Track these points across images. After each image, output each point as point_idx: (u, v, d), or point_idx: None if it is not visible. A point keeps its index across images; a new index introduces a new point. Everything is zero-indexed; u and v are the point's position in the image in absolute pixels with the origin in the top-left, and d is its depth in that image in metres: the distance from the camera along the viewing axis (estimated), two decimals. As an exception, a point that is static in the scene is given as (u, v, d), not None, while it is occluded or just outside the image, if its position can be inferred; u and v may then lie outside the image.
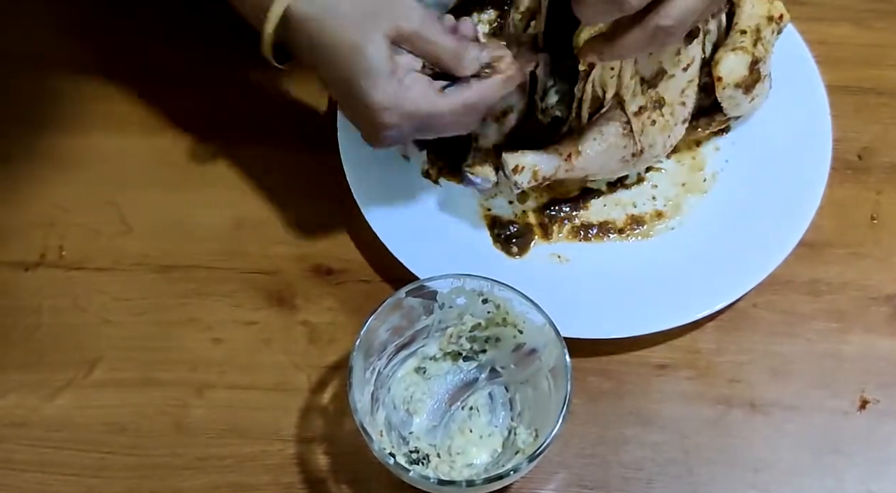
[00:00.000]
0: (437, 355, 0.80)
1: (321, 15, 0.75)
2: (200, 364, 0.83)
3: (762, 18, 0.87)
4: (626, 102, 0.83)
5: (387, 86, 0.75)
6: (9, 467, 0.80)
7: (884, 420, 0.82)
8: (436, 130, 0.79)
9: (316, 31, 0.76)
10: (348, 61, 0.75)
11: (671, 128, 0.86)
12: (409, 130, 0.78)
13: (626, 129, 0.84)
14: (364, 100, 0.75)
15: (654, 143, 0.86)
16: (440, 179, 0.89)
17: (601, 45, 0.76)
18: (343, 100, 0.79)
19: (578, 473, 0.80)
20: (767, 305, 0.86)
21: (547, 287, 0.81)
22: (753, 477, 0.80)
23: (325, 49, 0.76)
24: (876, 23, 0.98)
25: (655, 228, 0.88)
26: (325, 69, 0.77)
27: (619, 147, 0.84)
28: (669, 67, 0.83)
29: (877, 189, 0.91)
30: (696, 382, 0.83)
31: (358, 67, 0.75)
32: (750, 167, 0.90)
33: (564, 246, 0.88)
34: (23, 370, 0.83)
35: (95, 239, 0.88)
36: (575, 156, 0.83)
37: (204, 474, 0.79)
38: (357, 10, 0.76)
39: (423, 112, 0.77)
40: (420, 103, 0.76)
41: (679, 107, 0.86)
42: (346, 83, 0.76)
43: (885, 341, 0.85)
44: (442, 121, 0.78)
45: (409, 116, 0.76)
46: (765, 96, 0.89)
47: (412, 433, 0.78)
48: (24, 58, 0.96)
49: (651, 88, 0.84)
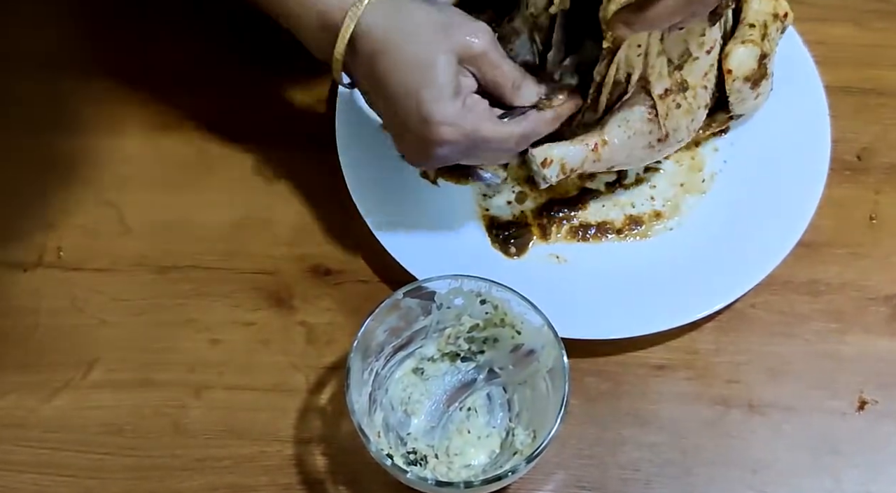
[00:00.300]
0: (435, 355, 0.80)
1: (391, 26, 0.75)
2: (198, 365, 0.83)
3: (768, 15, 0.87)
4: (652, 84, 0.82)
5: (450, 103, 0.75)
6: (6, 468, 0.80)
7: (882, 421, 0.82)
8: (483, 155, 0.79)
9: (381, 42, 0.75)
10: (414, 75, 0.74)
11: (694, 111, 0.85)
12: (461, 150, 0.77)
13: (651, 113, 0.83)
14: (425, 114, 0.75)
15: (679, 127, 0.85)
16: (438, 179, 0.89)
17: (632, 14, 0.74)
18: (397, 114, 0.77)
19: (576, 474, 0.80)
20: (766, 305, 0.86)
21: (545, 288, 0.81)
22: (751, 478, 0.80)
23: (390, 61, 0.75)
24: (876, 23, 0.98)
25: (654, 228, 0.88)
26: (385, 81, 0.76)
27: (644, 133, 0.83)
28: (694, 49, 0.82)
29: (876, 189, 0.91)
30: (694, 382, 0.83)
31: (424, 81, 0.74)
32: (748, 168, 0.90)
33: (563, 246, 0.87)
34: (21, 371, 0.83)
35: (94, 240, 0.88)
36: (601, 145, 0.82)
37: (202, 475, 0.79)
38: (429, 25, 0.75)
39: (481, 135, 0.76)
40: (480, 125, 0.76)
41: (701, 90, 0.85)
42: (406, 97, 0.75)
43: (884, 341, 0.84)
44: (493, 146, 0.78)
45: (466, 135, 0.76)
46: (767, 96, 0.89)
47: (410, 434, 0.78)
48: (25, 58, 0.96)
49: (677, 70, 0.83)
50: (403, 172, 0.89)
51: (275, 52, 0.94)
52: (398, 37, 0.75)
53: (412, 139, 0.77)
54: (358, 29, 0.75)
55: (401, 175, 0.89)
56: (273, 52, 0.95)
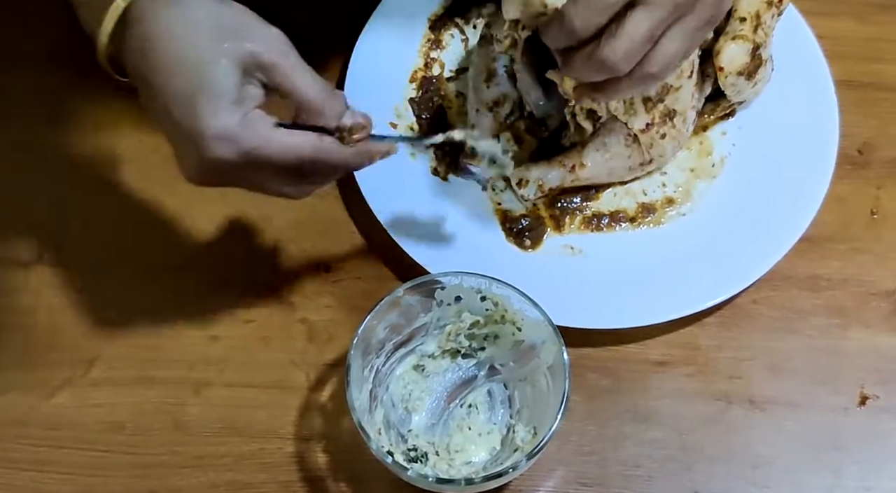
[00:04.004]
0: (436, 352, 0.80)
1: (171, 14, 0.65)
2: (198, 362, 0.83)
3: (762, 4, 0.86)
4: (630, 122, 0.83)
5: (227, 114, 0.64)
6: (6, 465, 0.80)
7: (883, 417, 0.82)
8: (258, 176, 0.68)
9: (156, 30, 0.64)
10: (190, 75, 0.64)
11: (682, 134, 0.86)
12: (236, 171, 0.66)
13: (629, 139, 0.84)
14: (198, 124, 0.64)
15: (665, 152, 0.86)
16: (449, 176, 0.89)
17: (592, 91, 0.73)
18: (169, 119, 0.65)
19: (577, 470, 0.80)
20: (767, 301, 0.85)
21: (561, 280, 0.82)
22: (752, 474, 0.80)
23: (162, 54, 0.64)
24: (877, 17, 0.98)
25: (667, 214, 0.88)
26: (155, 77, 0.64)
27: (623, 156, 0.85)
28: (673, 81, 0.83)
29: (877, 184, 0.90)
30: (696, 378, 0.83)
31: (200, 85, 0.64)
32: (757, 151, 0.90)
33: (577, 237, 0.87)
34: (21, 369, 0.83)
35: (93, 237, 0.88)
36: (579, 168, 0.84)
37: (202, 472, 0.79)
38: (215, 21, 0.65)
39: (262, 154, 0.65)
40: (260, 144, 0.65)
41: (691, 111, 0.86)
42: (180, 101, 0.64)
43: (885, 337, 0.84)
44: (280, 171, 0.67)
45: (244, 154, 0.65)
46: (767, 80, 0.89)
47: (411, 430, 0.78)
48: (25, 56, 0.96)
49: (660, 102, 0.83)
50: (414, 170, 0.89)
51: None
52: (177, 28, 0.64)
53: (186, 151, 0.66)
54: (132, 8, 0.65)
55: (412, 173, 0.89)
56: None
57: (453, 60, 0.94)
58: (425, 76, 0.93)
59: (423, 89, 0.93)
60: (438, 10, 0.96)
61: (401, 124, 0.91)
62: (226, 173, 0.66)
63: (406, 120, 0.91)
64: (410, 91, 0.93)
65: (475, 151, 0.84)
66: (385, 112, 0.91)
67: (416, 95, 0.93)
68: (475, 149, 0.81)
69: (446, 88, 0.93)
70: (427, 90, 0.93)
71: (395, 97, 0.92)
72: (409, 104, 0.92)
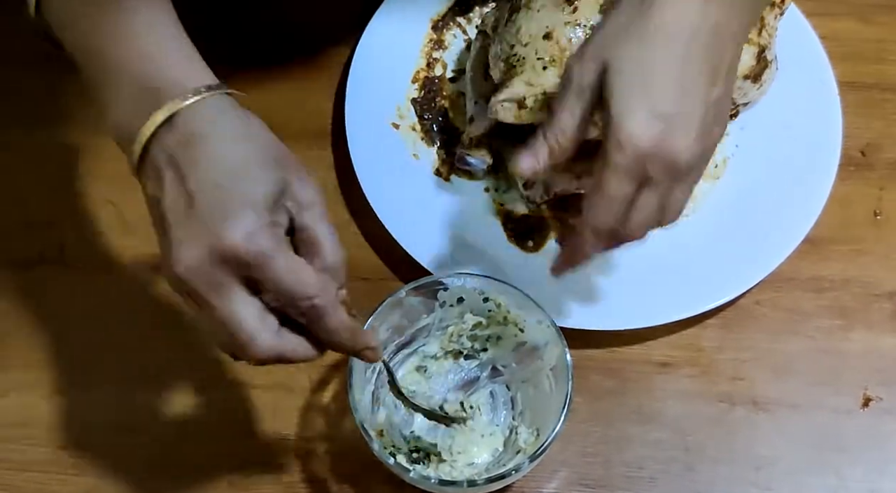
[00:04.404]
0: (439, 353, 0.80)
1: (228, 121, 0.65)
2: (201, 363, 0.83)
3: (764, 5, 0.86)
4: None
5: (261, 215, 0.62)
6: (9, 466, 0.80)
7: (886, 418, 0.81)
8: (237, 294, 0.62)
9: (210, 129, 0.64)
10: (236, 168, 0.63)
11: None
12: (237, 268, 0.62)
13: None
14: (228, 208, 0.61)
15: None
16: (451, 176, 0.89)
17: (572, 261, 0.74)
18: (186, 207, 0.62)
19: (580, 471, 0.80)
20: (770, 302, 0.85)
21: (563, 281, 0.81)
22: (755, 475, 0.80)
23: (214, 147, 0.63)
24: (880, 18, 0.98)
25: (671, 215, 0.88)
26: (199, 161, 0.63)
27: None
28: None
29: (880, 185, 0.90)
30: (699, 380, 0.83)
31: (239, 183, 0.62)
32: (760, 153, 0.90)
33: None
34: (23, 370, 0.83)
35: (95, 238, 0.88)
36: (586, 175, 0.83)
37: (205, 473, 0.79)
38: (266, 142, 0.65)
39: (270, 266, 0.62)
40: (276, 255, 0.62)
41: None
42: (214, 189, 0.62)
43: (888, 338, 0.84)
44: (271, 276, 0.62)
45: (257, 253, 0.61)
46: (772, 80, 0.89)
47: (413, 431, 0.78)
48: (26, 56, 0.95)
49: None
50: (416, 170, 0.89)
51: (274, 49, 0.94)
52: (234, 132, 0.64)
53: (190, 233, 0.62)
54: (191, 107, 0.64)
55: (414, 173, 0.89)
56: (272, 49, 0.95)
57: (455, 61, 0.94)
58: (427, 76, 0.93)
59: (426, 90, 0.93)
60: (441, 11, 0.96)
61: (403, 125, 0.91)
62: (222, 271, 0.62)
63: (408, 120, 0.91)
64: (413, 91, 0.93)
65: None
66: (387, 112, 0.91)
67: (419, 96, 0.92)
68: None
69: (448, 89, 0.93)
70: (429, 91, 0.93)
71: (397, 97, 0.92)
72: (411, 104, 0.92)
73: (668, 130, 0.66)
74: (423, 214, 0.86)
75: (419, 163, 0.89)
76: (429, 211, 0.87)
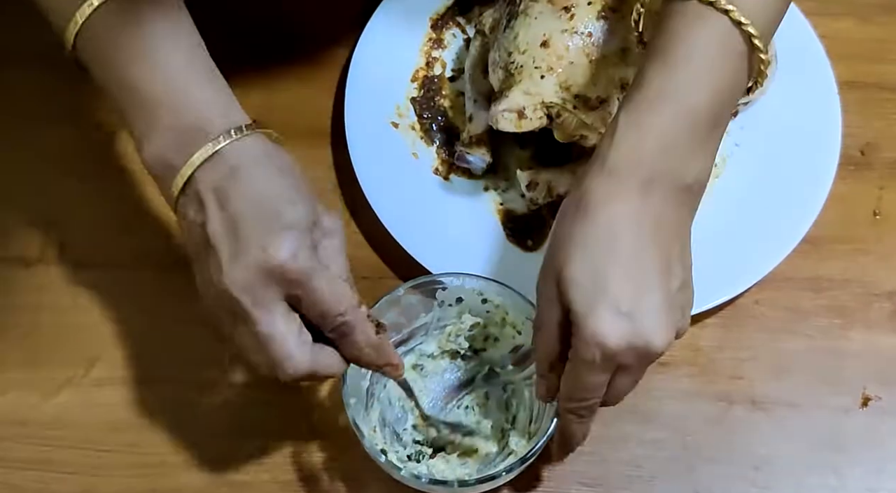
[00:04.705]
0: (435, 352, 0.80)
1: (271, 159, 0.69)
2: (200, 362, 0.83)
3: None
4: None
5: (305, 236, 0.67)
6: (8, 465, 0.80)
7: (885, 418, 0.81)
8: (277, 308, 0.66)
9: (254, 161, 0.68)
10: (282, 193, 0.67)
11: None
12: (280, 283, 0.66)
13: None
14: (277, 227, 0.66)
15: None
16: (451, 175, 0.89)
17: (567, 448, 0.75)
18: (229, 227, 0.66)
19: (579, 470, 0.80)
20: (769, 301, 0.85)
21: None
22: (754, 475, 0.80)
23: (260, 176, 0.68)
24: (880, 17, 0.98)
25: (670, 213, 0.88)
26: (245, 187, 0.67)
27: None
28: None
29: (879, 185, 0.90)
30: (697, 379, 0.83)
31: (289, 201, 0.67)
32: (759, 152, 0.90)
33: None
34: (22, 368, 0.83)
35: (96, 236, 0.88)
36: None
37: (202, 472, 0.79)
38: (298, 177, 0.70)
39: (313, 280, 0.66)
40: (318, 267, 0.67)
41: None
42: (261, 205, 0.66)
43: (888, 337, 0.84)
44: (311, 292, 0.66)
45: (302, 270, 0.66)
46: (772, 79, 0.89)
47: (406, 429, 0.78)
48: (26, 55, 0.95)
49: None
50: (416, 169, 0.89)
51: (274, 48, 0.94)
52: (270, 166, 0.68)
53: (239, 252, 0.66)
54: (230, 145, 0.67)
55: (413, 172, 0.89)
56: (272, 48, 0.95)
57: (455, 60, 0.94)
58: (427, 76, 0.93)
59: (425, 89, 0.93)
60: (440, 10, 0.96)
61: (402, 124, 0.91)
62: (268, 288, 0.66)
63: (408, 119, 0.91)
64: (412, 90, 0.93)
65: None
66: (386, 111, 0.91)
67: (418, 95, 0.93)
68: None
69: (448, 88, 0.93)
70: (429, 90, 0.93)
71: (396, 96, 0.92)
72: (410, 104, 0.92)
73: (636, 325, 0.66)
74: (423, 213, 0.86)
75: (418, 162, 0.89)
76: (428, 210, 0.87)
